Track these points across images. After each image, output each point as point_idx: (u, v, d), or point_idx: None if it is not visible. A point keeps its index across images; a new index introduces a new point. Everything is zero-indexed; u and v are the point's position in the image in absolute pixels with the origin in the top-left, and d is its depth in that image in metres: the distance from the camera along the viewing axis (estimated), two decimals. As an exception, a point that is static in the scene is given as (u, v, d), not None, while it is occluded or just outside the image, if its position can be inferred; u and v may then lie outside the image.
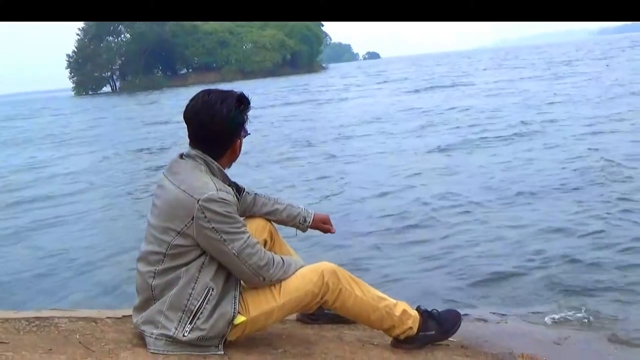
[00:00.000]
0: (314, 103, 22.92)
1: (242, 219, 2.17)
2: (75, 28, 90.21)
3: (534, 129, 10.35)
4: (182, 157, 2.18)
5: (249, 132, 2.24)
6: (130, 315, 2.30)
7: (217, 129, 2.12)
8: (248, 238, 2.10)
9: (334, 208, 6.13)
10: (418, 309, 2.42)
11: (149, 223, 2.16)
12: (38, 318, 2.41)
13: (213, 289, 2.09)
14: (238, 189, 2.38)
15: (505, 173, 7.17)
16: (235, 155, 2.24)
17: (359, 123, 14.32)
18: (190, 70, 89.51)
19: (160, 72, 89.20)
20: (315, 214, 2.57)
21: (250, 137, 2.31)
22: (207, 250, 2.08)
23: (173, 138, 15.04)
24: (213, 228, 2.03)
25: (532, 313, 3.26)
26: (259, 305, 2.18)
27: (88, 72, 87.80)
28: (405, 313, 2.35)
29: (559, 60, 36.37)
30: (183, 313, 2.07)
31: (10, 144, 18.20)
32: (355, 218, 5.79)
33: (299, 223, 2.54)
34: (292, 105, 22.68)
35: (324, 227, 2.58)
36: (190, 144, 2.17)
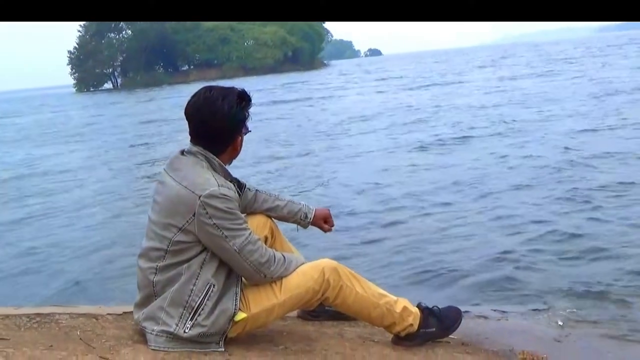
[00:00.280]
0: (308, 101, 22.73)
1: (243, 216, 2.17)
2: (77, 24, 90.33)
3: (517, 127, 10.42)
4: (183, 153, 2.18)
5: (250, 129, 2.24)
6: (131, 312, 2.30)
7: (218, 126, 2.12)
8: (249, 235, 2.10)
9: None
10: (419, 306, 2.42)
11: (150, 219, 2.15)
12: (39, 314, 2.42)
13: (214, 286, 2.09)
14: (239, 185, 2.38)
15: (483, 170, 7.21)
16: (236, 152, 2.24)
17: (341, 122, 14.30)
18: (192, 67, 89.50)
19: (162, 68, 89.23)
20: (317, 210, 2.57)
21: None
22: (208, 247, 2.08)
23: (171, 134, 15.04)
24: (214, 224, 2.03)
25: (532, 310, 3.25)
26: (260, 302, 2.18)
27: (89, 68, 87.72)
28: (406, 310, 2.35)
29: (555, 58, 36.26)
30: (184, 309, 2.07)
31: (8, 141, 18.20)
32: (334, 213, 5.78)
33: (300, 219, 2.54)
34: (284, 104, 22.45)
35: (324, 226, 2.59)
36: (192, 141, 2.17)
